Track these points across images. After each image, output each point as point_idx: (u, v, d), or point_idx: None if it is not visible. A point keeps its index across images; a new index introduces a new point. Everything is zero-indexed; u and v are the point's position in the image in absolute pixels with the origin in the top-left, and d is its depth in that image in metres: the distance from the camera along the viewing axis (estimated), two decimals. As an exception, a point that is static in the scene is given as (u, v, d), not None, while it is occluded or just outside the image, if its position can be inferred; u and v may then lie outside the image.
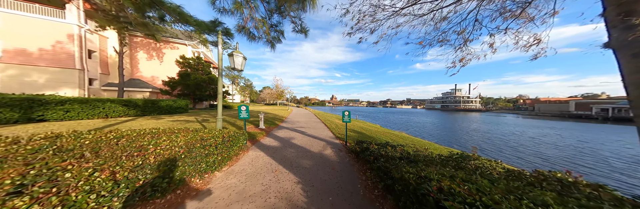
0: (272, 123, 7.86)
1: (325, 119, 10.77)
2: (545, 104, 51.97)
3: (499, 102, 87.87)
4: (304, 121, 9.16)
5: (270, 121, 8.19)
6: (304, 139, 5.09)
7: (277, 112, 16.08)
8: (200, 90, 15.40)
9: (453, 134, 15.84)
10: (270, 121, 8.30)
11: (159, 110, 9.68)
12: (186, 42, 17.61)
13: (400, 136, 8.40)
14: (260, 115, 7.23)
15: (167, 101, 10.18)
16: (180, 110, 11.07)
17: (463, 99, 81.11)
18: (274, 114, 12.45)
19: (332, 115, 17.66)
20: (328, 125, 7.99)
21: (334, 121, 10.24)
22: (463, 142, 12.47)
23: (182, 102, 11.28)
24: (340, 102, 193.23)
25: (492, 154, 9.37)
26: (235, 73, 44.59)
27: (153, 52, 16.84)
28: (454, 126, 21.09)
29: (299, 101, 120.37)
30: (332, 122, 9.46)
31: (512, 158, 8.80)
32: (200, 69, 16.57)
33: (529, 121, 29.56)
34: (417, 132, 16.37)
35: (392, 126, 20.41)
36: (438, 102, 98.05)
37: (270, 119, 9.06)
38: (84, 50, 12.44)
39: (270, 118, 9.39)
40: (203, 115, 9.72)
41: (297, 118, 10.90)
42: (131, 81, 15.71)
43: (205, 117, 8.39)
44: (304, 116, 12.75)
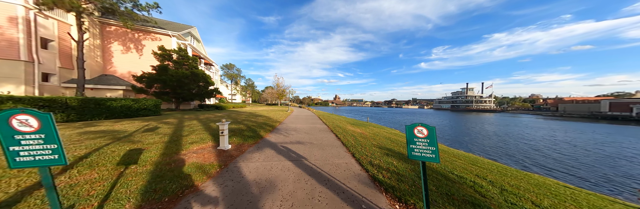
0: (255, 134, 4.95)
1: (334, 124, 7.98)
2: (571, 104, 47.51)
3: (515, 102, 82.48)
4: (305, 129, 6.42)
5: (254, 130, 5.49)
6: (300, 184, 2.35)
7: (273, 114, 13.39)
8: (183, 87, 12.89)
9: (486, 141, 12.79)
10: (254, 129, 5.59)
11: (108, 112, 7.13)
12: (170, 32, 15.18)
13: (469, 159, 5.55)
14: (221, 126, 3.45)
15: (123, 100, 7.63)
16: (145, 112, 8.53)
17: (475, 99, 76.58)
18: (267, 118, 9.75)
19: (341, 118, 14.83)
20: (342, 138, 4.92)
21: (347, 128, 7.41)
22: (512, 153, 9.50)
23: (149, 102, 8.73)
24: (343, 102, 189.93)
25: (560, 176, 6.43)
26: (234, 72, 42.45)
27: (130, 43, 14.47)
28: (478, 130, 17.93)
29: (301, 101, 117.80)
30: (346, 130, 6.57)
31: (592, 177, 5.85)
32: (185, 64, 14.09)
33: (558, 124, 25.96)
34: (446, 140, 13.38)
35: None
36: (447, 102, 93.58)
37: (255, 126, 6.36)
38: (35, 38, 10.11)
39: (257, 124, 6.70)
40: (166, 120, 7.09)
41: (296, 123, 8.13)
42: (103, 77, 13.37)
43: (162, 128, 5.75)
44: (305, 120, 9.98)
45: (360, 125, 9.06)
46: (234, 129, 5.33)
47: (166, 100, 13.20)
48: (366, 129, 7.77)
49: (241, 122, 7.21)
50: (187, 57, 14.05)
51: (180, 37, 16.01)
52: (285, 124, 7.51)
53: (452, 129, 18.36)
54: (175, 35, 15.47)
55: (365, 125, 9.56)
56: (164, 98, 13.04)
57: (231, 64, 41.67)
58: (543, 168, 7.25)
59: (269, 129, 5.89)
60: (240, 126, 6.04)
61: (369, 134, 6.21)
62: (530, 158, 8.69)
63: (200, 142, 3.84)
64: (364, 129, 7.61)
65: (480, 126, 21.89)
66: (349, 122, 9.93)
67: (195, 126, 5.61)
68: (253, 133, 5.03)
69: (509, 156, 9.10)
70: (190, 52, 16.71)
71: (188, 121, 6.91)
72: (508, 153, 9.59)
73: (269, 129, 6.00)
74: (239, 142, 4.13)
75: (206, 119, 7.73)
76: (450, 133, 15.94)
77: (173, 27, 16.85)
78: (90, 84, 12.25)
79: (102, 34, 13.62)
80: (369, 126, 9.39)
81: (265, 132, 5.30)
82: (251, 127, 5.97)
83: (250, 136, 4.70)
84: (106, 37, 13.81)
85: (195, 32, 19.61)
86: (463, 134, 15.67)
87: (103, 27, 13.65)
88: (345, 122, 9.58)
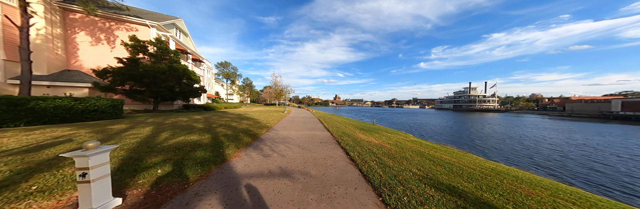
0: (215, 154, 2.98)
1: (340, 131, 6.02)
2: (579, 103, 45.91)
3: (519, 102, 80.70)
4: (300, 140, 4.34)
5: (220, 145, 3.45)
6: None
7: (266, 115, 11.50)
8: (159, 85, 10.96)
9: (503, 145, 10.95)
10: (222, 143, 3.52)
11: (32, 116, 5.21)
12: (148, 22, 13.21)
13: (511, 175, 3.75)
14: (78, 160, 1.86)
15: (57, 100, 5.71)
16: (95, 115, 6.61)
17: (478, 99, 74.89)
18: (254, 121, 7.85)
19: (345, 120, 12.96)
20: (358, 160, 3.03)
21: (358, 136, 5.31)
22: (540, 161, 7.69)
23: (102, 102, 6.81)
24: (343, 102, 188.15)
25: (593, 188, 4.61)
26: (230, 70, 40.29)
27: (100, 34, 12.49)
28: (489, 132, 16.11)
29: (300, 101, 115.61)
30: (358, 140, 4.52)
31: None
32: (165, 58, 12.15)
33: (571, 125, 24.30)
34: (462, 144, 11.55)
35: (418, 132, 15.62)
36: (449, 102, 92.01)
37: (230, 136, 4.32)
38: (-35, 23, 8.12)
39: (234, 133, 4.67)
40: (98, 129, 5.18)
41: (290, 129, 6.17)
42: (64, 73, 11.41)
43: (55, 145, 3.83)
44: (302, 124, 8.07)
45: (372, 130, 7.17)
46: (186, 144, 3.39)
47: (140, 99, 11.27)
48: (382, 137, 5.90)
49: (213, 129, 5.32)
50: (167, 51, 12.10)
51: (161, 28, 14.05)
52: (275, 132, 5.60)
53: (461, 131, 16.55)
54: (154, 26, 13.51)
55: (377, 130, 7.68)
56: (137, 97, 11.11)
57: (226, 62, 39.52)
58: (592, 184, 5.45)
59: (247, 142, 3.98)
60: (204, 136, 4.13)
61: (392, 148, 4.33)
62: (568, 170, 6.86)
63: (54, 189, 1.79)
64: (379, 137, 5.74)
65: (489, 127, 20.15)
66: (356, 127, 8.04)
67: (129, 140, 3.67)
68: (213, 152, 3.04)
69: (538, 165, 7.28)
70: (173, 46, 14.76)
71: (138, 128, 5.00)
72: (537, 162, 7.75)
73: (248, 141, 4.08)
74: (164, 180, 2.12)
75: (171, 125, 5.82)
76: (460, 136, 14.12)
77: (154, 18, 14.87)
78: (47, 81, 10.30)
79: (63, 22, 11.64)
80: (382, 132, 7.50)
81: (238, 149, 3.39)
82: (221, 138, 4.08)
83: (204, 160, 2.71)
84: (70, 26, 11.81)
85: (181, 25, 17.63)
86: (474, 136, 13.86)
87: (65, 13, 11.66)
88: (352, 127, 7.70)
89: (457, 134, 15.03)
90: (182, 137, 3.85)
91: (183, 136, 4.04)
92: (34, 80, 10.18)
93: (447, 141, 11.54)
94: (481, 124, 22.72)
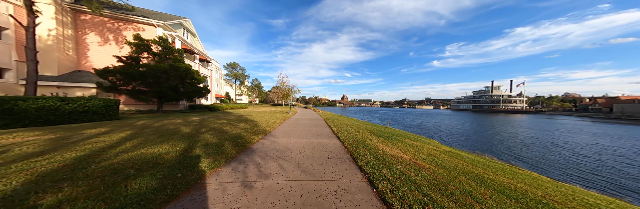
0: (166, 182, 1.86)
1: (352, 137, 4.90)
2: (631, 104, 39.76)
3: (552, 102, 72.14)
4: (301, 152, 3.31)
5: (191, 162, 2.46)
6: None
7: (269, 117, 10.69)
8: (160, 84, 10.63)
9: (556, 156, 8.94)
10: (196, 158, 2.56)
11: (11, 118, 4.78)
12: (154, 21, 13.09)
13: None
14: None
15: (41, 100, 5.27)
16: (86, 117, 6.17)
17: (503, 98, 68.62)
18: (253, 124, 7.00)
19: (355, 122, 11.77)
20: (387, 195, 1.84)
21: (376, 146, 4.08)
22: (598, 170, 5.84)
23: (93, 102, 6.37)
24: (351, 102, 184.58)
25: None
26: (238, 71, 40.71)
27: (109, 34, 12.56)
28: (526, 138, 13.80)
29: (307, 101, 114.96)
30: (378, 153, 3.41)
31: None
32: (169, 57, 11.88)
33: (623, 128, 20.62)
34: (492, 150, 9.77)
35: (439, 136, 13.89)
36: (468, 102, 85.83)
37: (214, 145, 3.47)
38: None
39: (219, 141, 3.82)
40: (50, 136, 4.55)
41: (291, 135, 5.17)
42: (75, 73, 11.54)
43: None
44: (307, 127, 7.05)
45: (391, 137, 5.93)
46: (139, 162, 2.37)
47: (143, 100, 11.04)
48: (408, 147, 4.64)
49: (198, 135, 4.49)
50: (170, 49, 11.81)
51: (168, 27, 13.91)
52: (272, 139, 4.64)
53: (491, 136, 14.39)
54: (160, 25, 13.38)
55: (397, 137, 6.40)
56: (141, 98, 10.88)
57: (235, 63, 39.92)
58: None
59: (229, 155, 3.01)
60: (177, 147, 3.24)
61: (432, 168, 3.01)
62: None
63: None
64: (404, 148, 4.49)
65: (523, 131, 17.54)
66: (370, 132, 6.84)
67: (73, 152, 2.89)
68: (164, 180, 1.97)
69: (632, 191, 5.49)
70: (178, 45, 14.59)
71: (113, 133, 4.32)
72: (626, 185, 5.93)
73: (231, 154, 3.08)
74: None
75: (155, 129, 5.12)
76: (491, 142, 12.09)
77: (162, 18, 14.83)
78: (56, 82, 10.40)
79: (74, 23, 11.81)
80: (404, 139, 6.20)
81: (211, 169, 2.36)
82: (197, 150, 3.17)
83: (137, 200, 1.56)
84: (80, 26, 11.98)
85: (188, 25, 17.58)
86: (510, 142, 11.77)
87: (76, 15, 11.83)
88: (366, 132, 6.52)
89: (486, 139, 13.05)
90: (146, 148, 3.00)
91: (151, 146, 3.22)
92: (45, 80, 10.33)
93: (479, 148, 9.84)
94: (511, 128, 20.10)
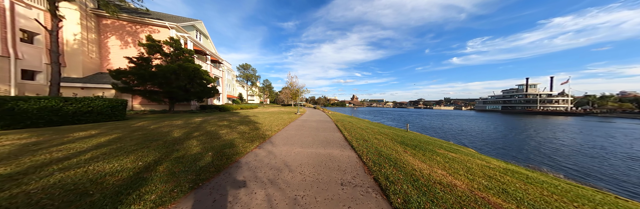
0: None
1: (369, 145, 3.93)
2: None
3: (606, 102, 60.87)
4: (303, 171, 2.46)
5: (113, 200, 1.68)
6: None
7: (275, 118, 10.11)
8: (170, 84, 10.69)
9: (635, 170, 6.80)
10: (125, 192, 1.67)
11: (12, 119, 4.74)
12: (167, 23, 13.40)
13: None
14: None
15: (43, 101, 5.22)
16: (91, 117, 6.11)
17: (541, 98, 60.42)
18: (255, 126, 6.37)
19: (368, 125, 10.71)
20: None
21: (405, 160, 3.05)
22: None
23: (97, 103, 6.30)
24: (361, 102, 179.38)
25: None
26: (250, 72, 41.66)
27: (128, 37, 13.14)
28: (588, 144, 11.18)
29: (316, 102, 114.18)
30: (415, 176, 2.36)
31: None
32: (180, 58, 12.01)
33: None
34: (552, 164, 7.90)
35: (470, 142, 12.07)
36: (496, 103, 77.66)
37: (199, 153, 2.91)
38: (11, 30, 8.97)
39: (208, 150, 3.19)
40: (27, 140, 4.26)
41: (293, 142, 4.32)
42: (97, 75, 12.20)
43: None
44: (314, 131, 6.20)
45: (418, 146, 4.78)
46: (66, 188, 1.89)
47: (156, 100, 11.24)
48: (446, 162, 3.45)
49: (185, 141, 3.94)
50: (181, 50, 11.92)
51: (180, 29, 14.19)
52: (270, 147, 3.90)
53: (541, 143, 11.99)
54: (173, 27, 13.67)
55: (426, 146, 5.21)
56: (153, 98, 11.08)
57: (247, 64, 40.92)
58: None
59: (205, 175, 2.30)
60: (146, 160, 2.64)
61: (498, 202, 2.04)
62: None
63: None
64: (442, 163, 3.30)
65: (582, 137, 14.55)
66: (391, 138, 5.75)
67: (12, 167, 2.39)
68: None
69: None
70: (190, 46, 14.83)
71: (96, 137, 3.95)
72: None
73: (207, 173, 2.31)
74: None
75: (146, 133, 4.73)
76: (543, 151, 9.97)
77: (175, 20, 15.24)
78: (80, 83, 11.03)
79: (98, 28, 12.52)
80: (436, 148, 5.00)
81: (163, 204, 1.72)
82: (164, 166, 2.51)
83: None
84: (103, 31, 12.68)
85: (201, 27, 17.95)
86: (574, 154, 9.53)
87: (99, 20, 12.53)
88: (386, 138, 5.46)
89: (532, 147, 10.84)
90: (102, 163, 2.39)
91: (114, 157, 2.66)
92: (70, 82, 11.00)
93: (527, 159, 8.06)
94: (562, 132, 17.00)
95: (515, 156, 8.61)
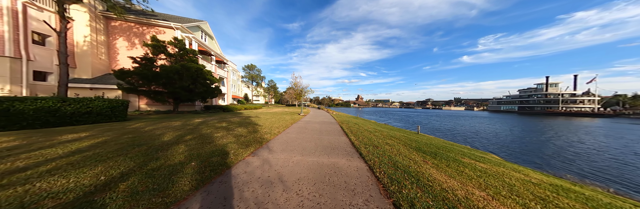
0: None
1: (388, 160, 2.76)
2: None
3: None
4: (301, 190, 1.93)
5: None
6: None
7: (276, 119, 9.76)
8: (173, 85, 10.63)
9: None
10: None
11: (7, 120, 4.64)
12: (172, 24, 13.46)
13: None
14: None
15: (40, 101, 5.12)
16: (89, 118, 6.01)
17: (563, 98, 56.25)
18: (254, 129, 6.00)
19: (375, 126, 10.10)
20: None
21: (434, 179, 2.52)
22: None
23: (97, 104, 6.20)
24: (366, 103, 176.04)
25: None
26: (255, 72, 41.93)
27: (135, 38, 13.32)
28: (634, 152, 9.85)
29: (320, 102, 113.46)
30: None
31: None
32: (185, 58, 11.98)
33: None
34: (596, 176, 6.93)
35: (490, 146, 11.12)
36: (511, 103, 73.45)
37: (179, 164, 2.45)
38: (23, 32, 9.22)
39: (192, 158, 2.75)
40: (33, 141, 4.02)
41: (292, 150, 3.71)
42: (106, 76, 12.43)
43: None
44: (317, 134, 5.69)
45: (437, 154, 4.11)
46: None
47: (160, 100, 11.25)
48: (477, 176, 2.57)
49: (175, 145, 3.61)
50: (185, 50, 11.88)
51: (185, 29, 14.23)
52: (266, 154, 3.45)
53: (578, 152, 10.83)
54: (178, 28, 13.72)
55: (446, 153, 4.51)
56: (158, 98, 11.10)
57: (252, 65, 41.24)
58: None
59: (178, 194, 1.90)
60: (115, 172, 2.28)
61: None
62: None
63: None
64: (473, 178, 2.50)
65: (612, 142, 13.06)
66: (404, 143, 5.16)
67: None
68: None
69: None
70: (195, 47, 14.85)
71: (78, 142, 3.70)
72: None
73: (180, 193, 1.83)
74: None
75: (134, 137, 4.47)
76: (573, 158, 8.87)
77: (180, 21, 15.35)
78: (89, 84, 11.25)
79: (106, 30, 12.78)
80: (458, 156, 4.29)
81: None
82: (134, 180, 2.16)
83: None
84: (111, 32, 12.93)
85: (206, 28, 18.03)
86: (610, 160, 8.47)
87: (108, 21, 12.79)
88: (398, 143, 4.88)
89: (566, 153, 9.75)
90: (59, 177, 2.04)
91: (80, 168, 2.32)
92: (80, 83, 11.24)
93: (560, 168, 7.14)
94: (587, 135, 15.44)
95: (547, 164, 7.66)
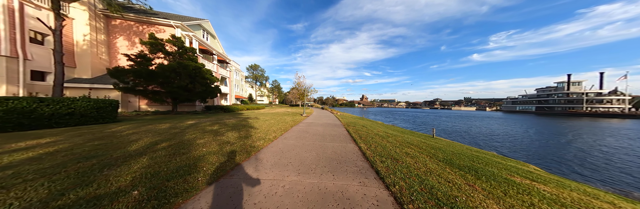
0: None
1: (415, 179, 2.42)
2: None
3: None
4: None
5: None
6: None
7: (275, 121, 9.05)
8: (170, 84, 10.17)
9: None
10: None
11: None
12: (172, 22, 13.09)
13: None
14: None
15: (12, 101, 4.63)
16: (73, 120, 5.51)
17: (587, 98, 52.14)
18: (247, 134, 5.31)
19: (385, 130, 9.20)
20: None
21: None
22: None
23: (80, 104, 5.70)
24: (371, 102, 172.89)
25: None
26: (258, 72, 41.73)
27: (135, 37, 13.05)
28: None
29: (324, 102, 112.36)
30: None
31: None
32: (184, 57, 11.54)
33: None
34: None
35: (516, 153, 9.86)
36: (528, 103, 69.29)
37: (123, 187, 1.80)
38: (20, 31, 9.03)
39: (145, 180, 1.91)
40: None
41: (286, 165, 2.70)
42: (105, 76, 12.17)
43: None
44: (320, 139, 4.83)
45: (478, 170, 3.05)
46: None
47: (158, 100, 10.85)
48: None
49: (139, 157, 2.95)
50: (184, 48, 11.43)
51: (185, 28, 13.84)
52: (251, 171, 2.66)
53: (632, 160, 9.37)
54: (178, 26, 13.34)
55: (491, 169, 3.46)
56: (155, 98, 10.69)
57: (255, 65, 41.07)
58: None
59: None
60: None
61: None
62: None
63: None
64: None
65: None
66: (427, 153, 4.20)
67: None
68: None
69: None
70: (196, 45, 14.45)
71: (22, 153, 3.09)
72: None
73: None
74: None
75: (91, 147, 3.83)
76: (628, 171, 7.53)
77: (181, 20, 15.01)
78: (88, 84, 11.03)
79: (107, 29, 12.58)
80: (508, 174, 3.18)
81: None
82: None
83: None
84: (111, 31, 12.73)
85: (208, 27, 17.66)
86: None
87: (108, 20, 12.58)
88: (421, 153, 3.95)
89: (609, 161, 8.41)
90: None
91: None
92: (79, 83, 11.02)
93: (621, 185, 5.91)
94: (628, 139, 13.61)
95: (600, 177, 6.40)
